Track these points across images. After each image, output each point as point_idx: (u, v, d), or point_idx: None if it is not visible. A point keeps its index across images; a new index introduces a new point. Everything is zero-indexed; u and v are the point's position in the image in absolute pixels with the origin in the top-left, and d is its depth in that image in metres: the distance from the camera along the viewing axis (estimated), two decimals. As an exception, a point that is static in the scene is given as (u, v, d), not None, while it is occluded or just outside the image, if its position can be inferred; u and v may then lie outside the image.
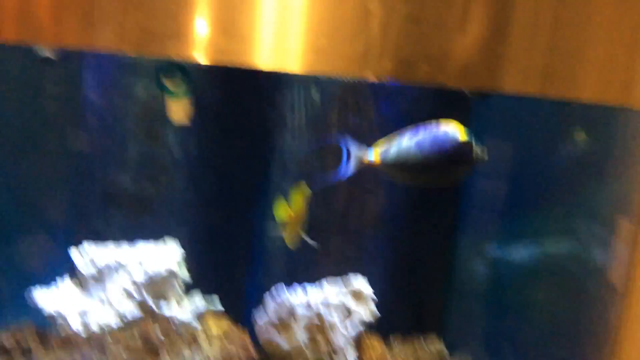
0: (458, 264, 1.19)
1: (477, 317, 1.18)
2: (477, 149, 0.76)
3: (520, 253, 1.12)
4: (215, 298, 1.05)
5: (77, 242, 1.09)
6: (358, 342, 0.92)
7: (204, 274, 1.14)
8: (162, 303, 1.05)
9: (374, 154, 0.77)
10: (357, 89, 1.07)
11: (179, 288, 1.07)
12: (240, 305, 1.08)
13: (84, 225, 1.15)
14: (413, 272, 1.14)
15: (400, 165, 0.76)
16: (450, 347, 1.00)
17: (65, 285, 1.06)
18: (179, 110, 1.04)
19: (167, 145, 1.08)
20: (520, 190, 1.12)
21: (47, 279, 1.09)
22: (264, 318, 0.82)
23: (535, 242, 1.10)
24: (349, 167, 0.77)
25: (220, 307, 1.04)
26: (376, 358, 0.88)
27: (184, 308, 1.04)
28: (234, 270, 1.14)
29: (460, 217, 1.18)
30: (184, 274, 1.09)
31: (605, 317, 1.05)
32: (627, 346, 1.07)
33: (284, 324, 0.79)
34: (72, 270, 1.07)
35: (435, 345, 0.94)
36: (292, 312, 0.81)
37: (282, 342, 0.76)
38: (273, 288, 0.87)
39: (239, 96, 1.11)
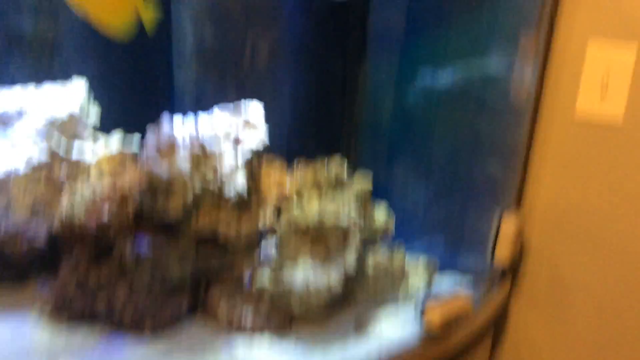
0: (365, 89, 1.14)
1: (385, 141, 1.16)
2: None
3: (427, 75, 1.07)
4: (135, 137, 1.02)
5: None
6: (250, 169, 0.90)
7: (113, 114, 1.11)
8: (69, 145, 1.03)
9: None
10: None
11: (86, 129, 1.04)
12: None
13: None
14: (318, 96, 1.10)
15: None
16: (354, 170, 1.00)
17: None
18: None
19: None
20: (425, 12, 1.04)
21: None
22: (145, 150, 0.79)
23: (441, 64, 1.05)
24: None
25: (134, 149, 1.01)
26: (271, 183, 0.87)
27: (89, 149, 1.02)
28: (143, 108, 1.09)
29: (368, 41, 1.11)
30: (91, 115, 1.05)
31: (514, 134, 1.04)
32: (536, 160, 1.08)
33: (164, 154, 0.77)
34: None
35: (336, 168, 0.93)
36: (172, 142, 0.78)
37: (162, 171, 0.74)
38: (158, 119, 0.83)
39: None
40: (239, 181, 0.83)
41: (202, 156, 0.80)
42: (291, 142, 1.08)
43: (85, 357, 0.83)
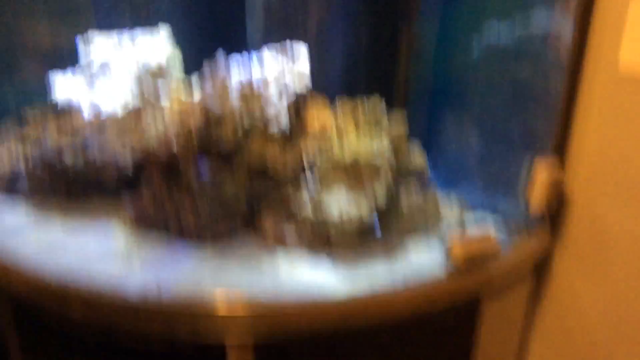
0: (414, 41, 1.21)
1: (430, 89, 1.23)
2: None
3: (471, 29, 1.13)
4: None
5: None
6: (295, 108, 1.03)
7: (192, 58, 1.28)
8: (156, 90, 1.21)
9: None
10: None
11: (173, 76, 1.22)
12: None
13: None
14: (370, 45, 1.19)
15: None
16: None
17: (77, 76, 1.24)
18: None
19: None
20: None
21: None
22: (203, 90, 0.95)
23: (485, 19, 1.09)
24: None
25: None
26: (314, 121, 0.99)
27: (169, 92, 1.20)
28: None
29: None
30: (175, 60, 1.23)
31: (554, 85, 1.07)
32: (581, 112, 1.10)
33: (217, 91, 0.92)
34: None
35: (374, 106, 1.03)
36: (226, 83, 0.93)
37: (216, 107, 0.90)
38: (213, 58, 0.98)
39: None
40: (283, 119, 0.96)
41: (251, 96, 0.94)
42: (343, 87, 1.19)
43: (155, 258, 1.02)
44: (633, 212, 1.06)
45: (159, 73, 1.20)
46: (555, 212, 1.16)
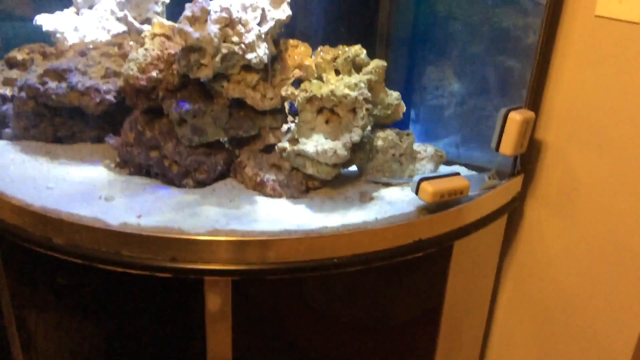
0: None
1: (410, 37, 1.26)
2: None
3: None
4: None
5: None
6: (275, 40, 1.06)
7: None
8: (144, 23, 1.24)
9: None
10: None
11: (157, 9, 1.24)
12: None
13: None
14: None
15: None
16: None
17: (65, 11, 1.27)
18: None
19: None
20: None
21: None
22: (182, 16, 0.97)
23: None
24: None
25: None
26: (297, 55, 1.03)
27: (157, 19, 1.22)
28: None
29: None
30: None
31: (532, 32, 1.11)
32: (558, 58, 1.13)
33: (195, 17, 0.95)
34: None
35: (355, 52, 1.07)
36: (204, 9, 0.96)
37: (192, 30, 0.92)
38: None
39: None
40: (262, 48, 0.99)
41: (229, 22, 0.97)
42: (321, 34, 1.22)
43: (136, 192, 1.05)
44: (603, 157, 1.10)
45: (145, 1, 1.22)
46: (527, 157, 1.20)
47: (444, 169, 1.17)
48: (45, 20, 1.23)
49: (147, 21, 1.27)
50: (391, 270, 1.08)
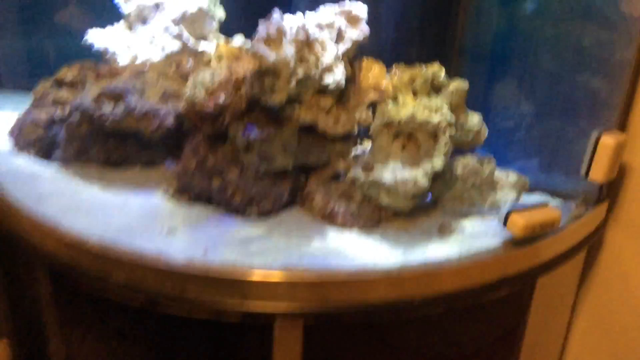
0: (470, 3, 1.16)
1: (487, 56, 1.18)
2: None
3: None
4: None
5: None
6: (350, 60, 0.98)
7: (237, 20, 1.23)
8: (198, 40, 1.17)
9: None
10: None
11: (212, 25, 1.17)
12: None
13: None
14: (424, 9, 1.14)
15: None
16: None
17: (116, 26, 1.20)
18: None
19: None
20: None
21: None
22: (255, 37, 0.89)
23: None
24: None
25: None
26: (372, 76, 0.94)
27: (213, 44, 1.15)
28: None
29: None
30: (218, 12, 1.18)
31: (622, 49, 1.02)
32: None
33: (271, 39, 0.86)
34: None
35: (434, 72, 0.98)
36: (280, 29, 0.88)
37: (268, 52, 0.84)
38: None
39: None
40: (339, 70, 0.90)
41: (306, 43, 0.89)
42: (394, 50, 1.14)
43: (199, 224, 0.97)
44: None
45: (200, 20, 1.14)
46: (613, 187, 1.11)
47: (525, 198, 1.07)
48: (96, 38, 1.16)
49: (203, 38, 1.19)
50: (472, 308, 0.99)
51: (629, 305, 1.15)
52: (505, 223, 0.94)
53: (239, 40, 1.16)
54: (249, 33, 1.14)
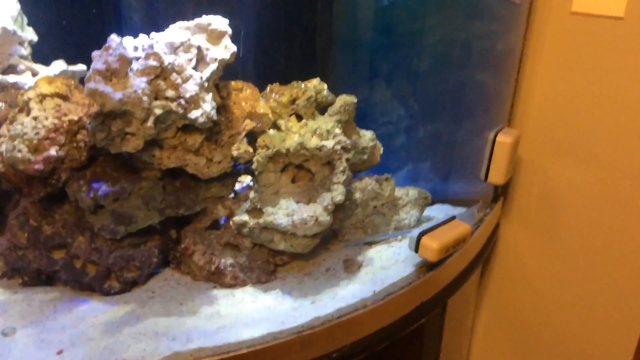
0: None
1: (364, 60, 1.06)
2: None
3: None
4: (78, 67, 0.88)
5: None
6: (221, 87, 0.79)
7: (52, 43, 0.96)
8: (6, 72, 0.89)
9: None
10: None
11: (21, 51, 0.89)
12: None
13: None
14: (288, 17, 0.98)
15: None
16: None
17: None
18: None
19: None
20: None
21: None
22: (91, 73, 0.66)
23: None
24: None
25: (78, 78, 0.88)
26: (244, 101, 0.76)
27: (28, 74, 0.88)
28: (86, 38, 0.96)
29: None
30: (28, 34, 0.90)
31: (511, 39, 0.95)
32: (529, 66, 0.99)
33: (112, 71, 0.64)
34: None
35: (316, 88, 0.82)
36: (123, 57, 0.66)
37: (111, 90, 0.62)
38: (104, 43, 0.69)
39: None
40: (208, 100, 0.71)
41: (160, 70, 0.68)
42: (262, 66, 0.96)
43: (46, 326, 0.72)
44: (582, 167, 0.99)
45: (3, 40, 0.86)
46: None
47: (427, 211, 0.97)
48: None
49: (10, 69, 0.91)
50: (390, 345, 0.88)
51: (528, 295, 1.13)
52: (416, 249, 0.82)
53: (58, 66, 0.90)
54: (70, 57, 0.90)
